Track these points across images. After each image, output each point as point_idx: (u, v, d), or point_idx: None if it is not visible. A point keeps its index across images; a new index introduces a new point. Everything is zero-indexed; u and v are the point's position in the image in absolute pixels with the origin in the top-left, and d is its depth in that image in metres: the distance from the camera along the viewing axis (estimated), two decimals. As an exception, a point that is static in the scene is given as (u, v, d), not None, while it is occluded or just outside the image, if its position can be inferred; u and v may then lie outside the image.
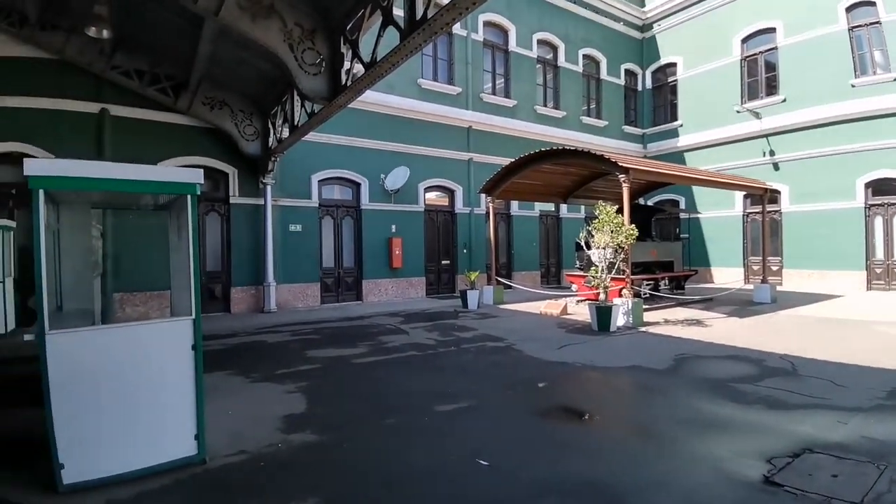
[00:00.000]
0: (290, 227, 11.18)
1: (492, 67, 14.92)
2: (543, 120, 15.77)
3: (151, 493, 2.82)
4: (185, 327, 3.14)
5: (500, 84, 15.16)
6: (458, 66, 13.88)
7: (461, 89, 13.84)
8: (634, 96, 18.71)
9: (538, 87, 15.92)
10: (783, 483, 2.78)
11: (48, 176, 2.77)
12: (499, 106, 14.75)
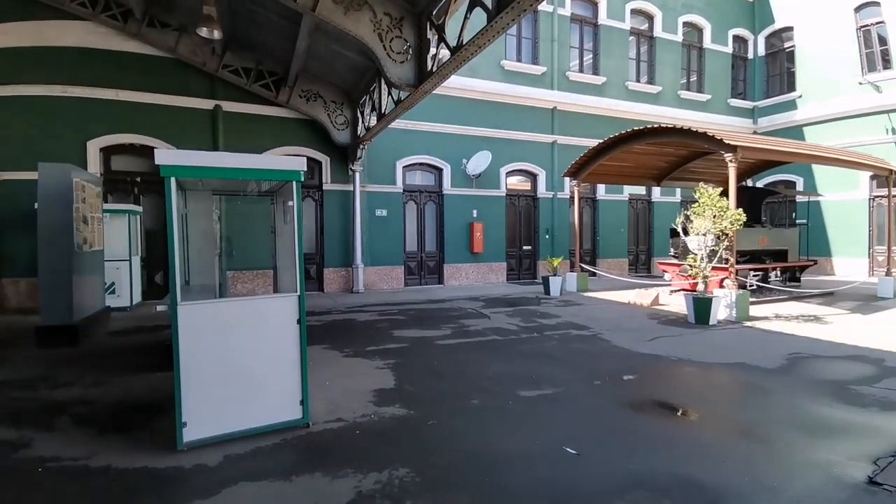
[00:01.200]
0: (376, 212, 11.66)
1: (579, 43, 14.21)
2: (636, 97, 14.77)
3: (264, 450, 3.14)
4: (292, 303, 3.42)
5: (588, 60, 14.41)
6: (543, 44, 13.40)
7: (546, 69, 13.37)
8: (744, 65, 16.85)
9: (630, 62, 14.89)
10: (884, 482, 2.63)
11: (177, 165, 3.13)
12: (586, 84, 14.06)
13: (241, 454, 3.08)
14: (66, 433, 3.43)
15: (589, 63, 14.42)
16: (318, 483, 2.73)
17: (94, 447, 3.20)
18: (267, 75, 10.14)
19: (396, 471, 2.84)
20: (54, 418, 3.69)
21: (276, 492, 2.65)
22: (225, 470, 2.89)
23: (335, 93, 10.71)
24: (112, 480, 2.78)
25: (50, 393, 4.29)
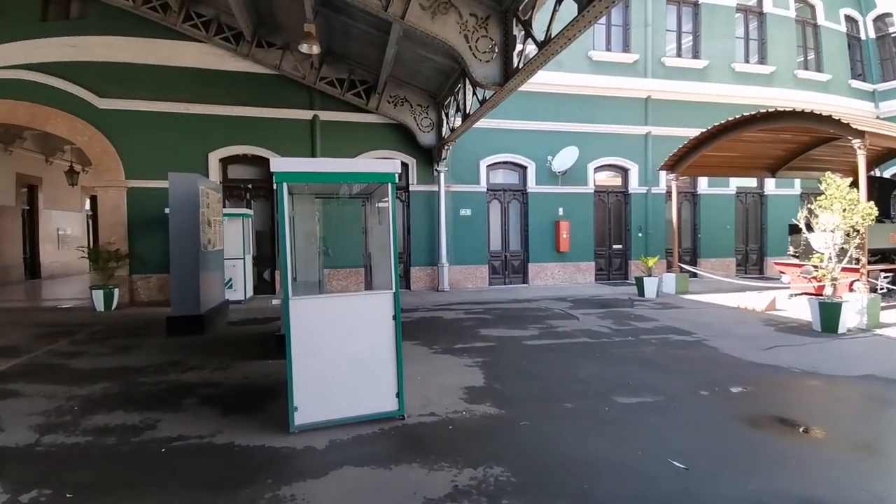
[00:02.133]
0: (460, 212, 11.78)
1: (676, 26, 13.21)
2: (744, 79, 13.43)
3: (364, 438, 3.31)
4: (388, 299, 3.57)
5: (687, 43, 13.35)
6: (636, 30, 12.66)
7: (638, 56, 12.61)
8: (859, 46, 14.86)
9: (737, 41, 13.55)
10: None
11: (289, 171, 3.41)
12: (685, 69, 13.04)
13: (345, 440, 3.27)
14: (194, 413, 3.88)
15: (688, 46, 13.35)
16: (415, 473, 2.82)
17: (219, 426, 3.58)
18: (358, 84, 10.70)
19: (491, 469, 2.84)
20: (182, 399, 4.19)
21: (378, 478, 2.78)
22: (331, 453, 3.09)
23: (420, 96, 11.01)
24: (235, 457, 3.09)
25: (178, 377, 4.88)
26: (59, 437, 3.39)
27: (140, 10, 9.63)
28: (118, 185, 9.89)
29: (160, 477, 2.84)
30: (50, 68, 9.65)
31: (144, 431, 3.49)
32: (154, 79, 10.07)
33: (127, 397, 4.23)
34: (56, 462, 3.03)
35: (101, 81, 9.82)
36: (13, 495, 2.61)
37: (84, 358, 5.59)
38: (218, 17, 9.94)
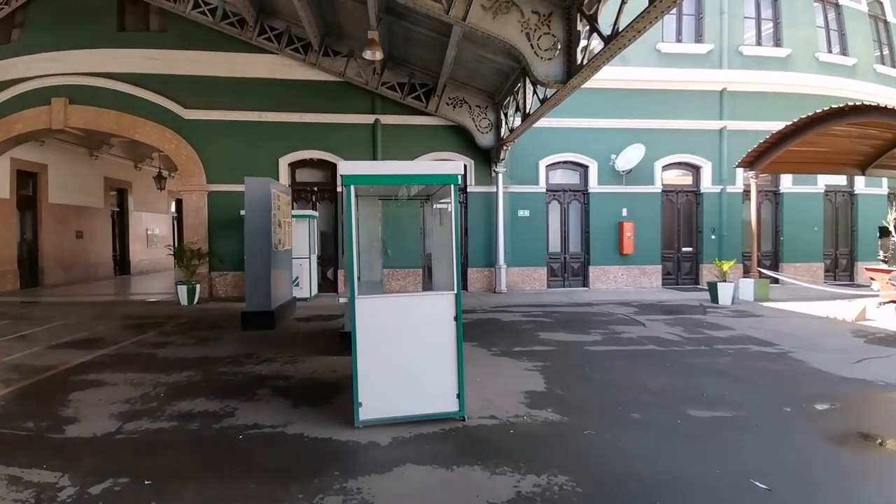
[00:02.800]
0: (518, 213, 11.64)
1: (755, 13, 12.31)
2: (828, 70, 12.28)
3: (426, 437, 3.34)
4: (450, 300, 3.58)
5: (768, 31, 12.39)
6: (710, 18, 11.93)
7: (712, 46, 11.85)
8: None
9: (819, 30, 12.46)
10: None
11: (356, 174, 3.52)
12: (765, 58, 12.11)
13: (407, 438, 3.32)
14: (266, 403, 4.10)
15: (768, 33, 12.38)
16: (477, 476, 2.81)
17: (290, 416, 3.77)
18: (418, 87, 10.88)
19: (555, 477, 2.77)
20: (256, 390, 4.44)
21: (440, 478, 2.79)
22: (394, 450, 3.15)
23: (479, 97, 11.00)
24: (304, 447, 3.24)
25: (253, 368, 5.18)
26: (144, 423, 3.66)
27: (219, 26, 10.37)
28: (200, 189, 10.71)
29: (239, 463, 3.02)
30: (131, 78, 10.58)
31: (224, 418, 3.74)
32: (232, 90, 10.80)
33: (208, 385, 4.56)
34: (137, 449, 3.22)
35: (185, 93, 10.69)
36: (82, 488, 2.68)
37: (169, 348, 6.10)
38: (289, 30, 10.49)
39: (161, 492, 2.67)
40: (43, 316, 8.44)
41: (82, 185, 14.95)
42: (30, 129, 10.59)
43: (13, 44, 10.87)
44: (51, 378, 4.82)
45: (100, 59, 10.50)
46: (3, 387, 4.49)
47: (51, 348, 6.09)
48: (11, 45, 10.85)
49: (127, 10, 10.85)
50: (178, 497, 2.61)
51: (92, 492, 2.65)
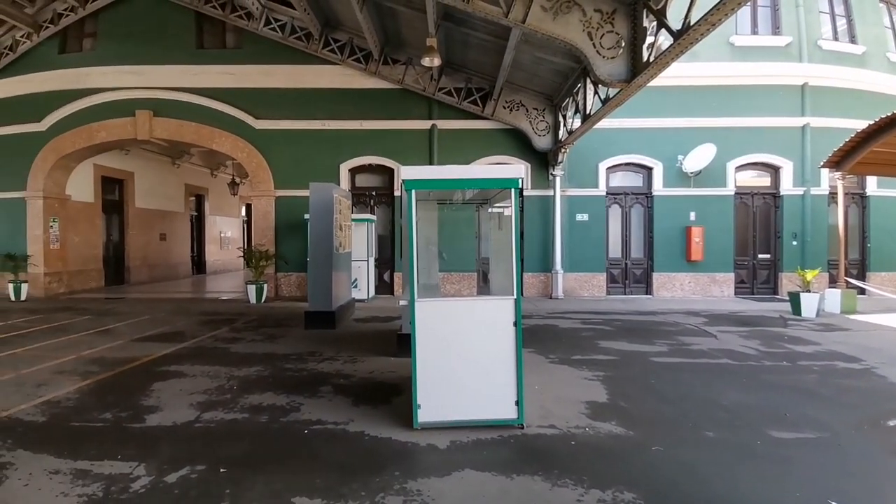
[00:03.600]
0: (576, 217, 11.33)
1: (829, 7, 11.52)
2: (895, 70, 11.17)
3: (484, 443, 3.31)
4: (509, 305, 3.54)
5: (842, 26, 11.48)
6: (786, 9, 11.11)
7: (791, 38, 10.99)
8: None
9: (886, 31, 11.57)
10: None
11: (418, 179, 3.56)
12: (843, 54, 11.19)
13: (465, 442, 3.30)
14: (328, 400, 4.23)
15: (843, 29, 11.46)
16: (538, 487, 2.73)
17: (351, 414, 3.87)
18: (475, 91, 10.90)
19: (622, 493, 2.64)
20: (319, 387, 4.60)
21: (500, 486, 2.75)
22: (453, 454, 3.14)
23: (537, 100, 10.85)
24: (365, 445, 3.31)
25: (316, 365, 5.38)
26: (219, 413, 3.91)
27: (288, 41, 10.96)
28: (268, 194, 11.34)
29: (304, 456, 3.14)
30: (209, 92, 11.37)
31: (290, 413, 3.91)
32: (298, 100, 11.36)
33: (276, 381, 4.79)
34: (213, 438, 3.44)
35: (257, 105, 11.37)
36: (158, 476, 2.83)
37: (241, 343, 6.48)
38: (351, 41, 10.89)
39: (235, 480, 2.82)
40: (128, 311, 9.26)
41: (165, 191, 16.33)
42: (114, 139, 11.60)
43: (85, 53, 11.78)
44: (134, 369, 5.25)
45: (181, 74, 11.39)
46: (80, 379, 4.92)
47: (135, 341, 6.65)
48: (84, 54, 11.77)
49: (205, 30, 11.72)
50: (251, 486, 2.75)
51: (168, 480, 2.82)
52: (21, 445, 3.29)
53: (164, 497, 2.64)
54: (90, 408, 4.04)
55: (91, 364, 5.41)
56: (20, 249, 11.21)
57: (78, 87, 11.48)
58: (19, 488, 2.75)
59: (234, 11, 10.89)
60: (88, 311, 9.20)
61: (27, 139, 11.56)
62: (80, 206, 12.56)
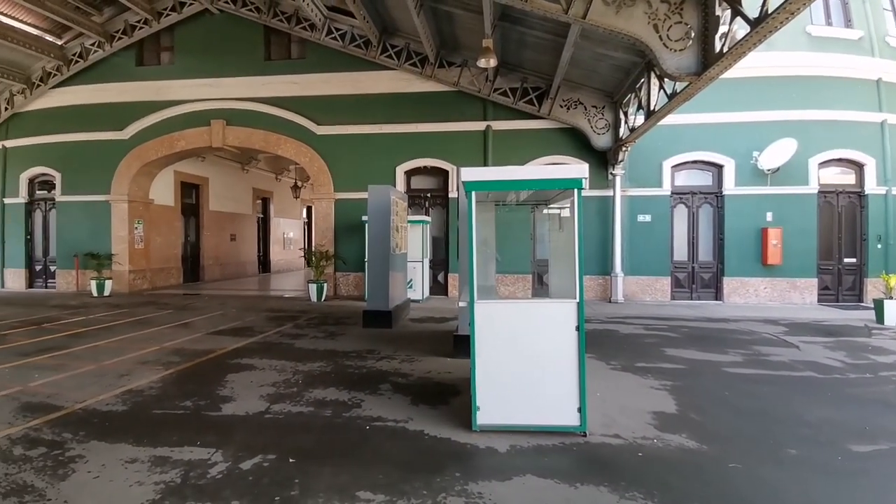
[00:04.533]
0: (638, 218, 10.87)
1: (891, 5, 10.49)
2: None
3: (545, 449, 3.23)
4: (571, 309, 3.44)
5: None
6: (855, 3, 10.25)
7: (862, 33, 10.10)
8: None
9: None
10: None
11: (478, 180, 3.55)
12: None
13: (525, 447, 3.25)
14: (388, 398, 4.31)
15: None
16: (604, 498, 2.63)
17: (410, 413, 3.92)
18: (531, 91, 10.75)
19: (697, 511, 2.49)
20: (379, 384, 4.70)
21: (563, 495, 2.67)
22: (513, 458, 3.10)
23: (595, 97, 10.52)
24: (425, 444, 3.33)
25: (374, 363, 5.50)
26: (287, 405, 4.10)
27: (348, 49, 11.33)
28: (328, 197, 11.78)
29: (367, 452, 3.22)
30: (275, 101, 11.96)
31: (352, 408, 4.02)
32: (356, 106, 11.73)
33: (337, 377, 4.95)
34: (282, 429, 3.60)
35: (318, 112, 11.85)
36: (234, 463, 3.00)
37: (304, 340, 6.76)
38: (407, 46, 11.09)
39: (303, 471, 2.94)
40: (203, 307, 9.94)
41: (235, 195, 17.41)
42: (192, 147, 12.50)
43: (163, 67, 12.68)
44: (210, 361, 5.62)
45: (251, 85, 12.09)
46: (163, 369, 5.33)
47: (210, 334, 7.12)
48: (162, 68, 12.68)
49: (272, 42, 12.37)
50: (318, 478, 2.85)
51: (242, 467, 2.99)
52: (95, 437, 3.43)
53: (239, 483, 2.79)
54: (171, 396, 4.36)
55: (172, 355, 5.85)
56: (103, 248, 12.25)
57: (158, 99, 12.45)
58: (87, 482, 2.81)
59: (299, 23, 11.41)
60: (169, 306, 9.98)
61: (109, 146, 12.60)
62: (161, 210, 13.67)
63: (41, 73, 12.69)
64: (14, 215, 13.22)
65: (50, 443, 3.32)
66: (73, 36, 12.41)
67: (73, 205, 12.77)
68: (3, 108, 13.04)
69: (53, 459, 3.07)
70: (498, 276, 10.94)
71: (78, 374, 4.99)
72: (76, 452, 3.19)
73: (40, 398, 4.24)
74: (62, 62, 12.47)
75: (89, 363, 5.44)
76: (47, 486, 2.74)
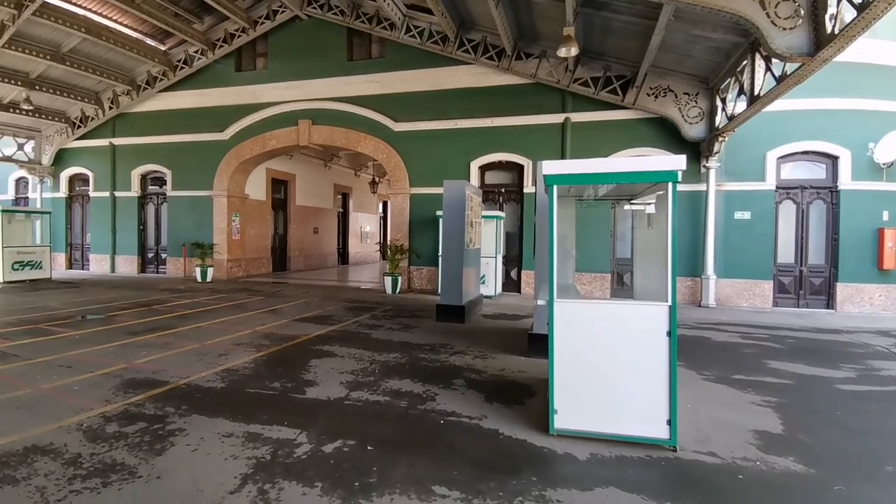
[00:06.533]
0: (734, 215, 9.92)
1: None
2: None
3: (630, 461, 3.03)
4: (662, 313, 3.18)
5: None
6: None
7: None
8: None
9: None
10: None
11: (561, 174, 3.39)
12: None
13: (608, 458, 3.07)
14: (461, 394, 4.30)
15: None
16: (699, 521, 2.41)
17: (484, 410, 3.87)
18: (614, 80, 10.18)
19: (813, 549, 2.19)
20: (452, 379, 4.70)
21: (651, 513, 2.48)
22: (594, 468, 2.93)
23: (688, 84, 9.73)
24: (500, 444, 3.27)
25: (448, 358, 5.52)
26: (364, 394, 4.23)
27: (425, 46, 11.45)
28: (404, 192, 12.05)
29: (442, 446, 3.22)
30: (357, 100, 12.39)
31: (427, 401, 4.06)
32: (432, 102, 11.84)
33: (412, 369, 5.03)
34: (360, 416, 3.73)
35: (396, 109, 12.13)
36: (317, 445, 3.17)
37: (380, 331, 6.97)
38: (484, 39, 10.97)
39: (381, 459, 3.00)
40: (290, 295, 10.61)
41: (319, 190, 18.42)
42: (282, 146, 13.37)
43: (259, 72, 13.61)
44: (295, 346, 5.97)
45: (334, 85, 12.66)
46: (255, 351, 5.73)
47: (296, 321, 7.57)
48: (258, 73, 13.61)
49: (354, 43, 12.84)
50: (394, 468, 2.90)
51: (325, 450, 3.12)
52: (197, 411, 3.74)
53: (321, 465, 2.92)
54: (262, 377, 4.68)
55: (263, 338, 6.30)
56: (206, 239, 13.55)
57: (253, 102, 13.45)
58: (186, 455, 3.01)
59: (380, 23, 11.72)
60: (261, 293, 10.79)
61: (212, 147, 13.84)
62: (255, 204, 14.80)
63: (146, 76, 14.10)
64: (125, 207, 14.93)
65: (151, 417, 3.62)
66: (177, 42, 13.64)
67: (181, 199, 14.22)
68: (107, 106, 14.61)
69: (152, 434, 3.32)
70: (575, 275, 10.55)
71: (183, 353, 5.52)
72: (177, 426, 3.48)
73: (144, 374, 4.68)
74: (168, 67, 13.80)
75: (193, 342, 6.00)
76: (140, 463, 2.91)
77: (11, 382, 4.35)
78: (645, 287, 4.12)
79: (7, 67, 12.37)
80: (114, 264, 14.97)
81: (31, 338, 6.08)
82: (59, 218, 15.36)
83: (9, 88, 12.96)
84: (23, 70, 12.69)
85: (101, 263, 15.09)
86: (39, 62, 12.21)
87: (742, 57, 7.83)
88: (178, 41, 13.57)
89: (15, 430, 3.35)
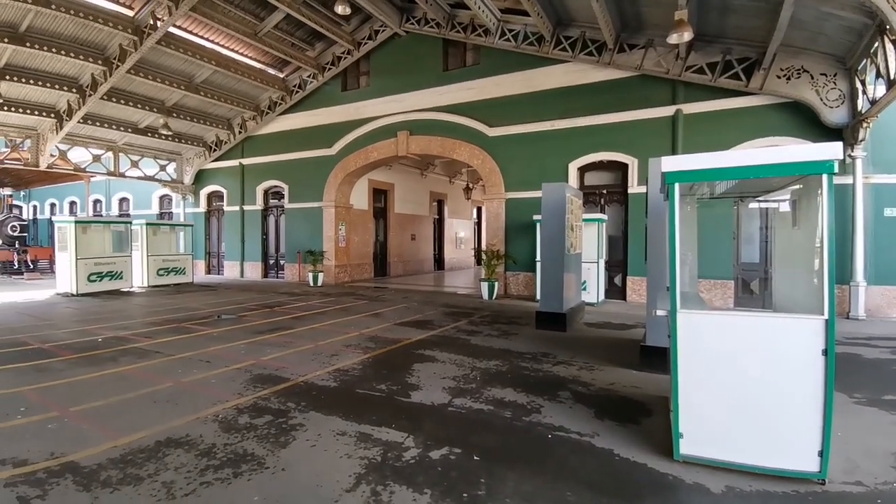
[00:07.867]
0: (884, 212, 8.38)
1: None
2: None
3: (774, 497, 2.63)
4: (817, 328, 2.72)
5: None
6: None
7: None
8: None
9: None
10: None
11: (684, 170, 3.08)
12: None
13: (747, 492, 2.69)
14: (568, 407, 4.08)
15: None
16: (877, 583, 1.99)
17: (595, 427, 3.63)
18: (735, 64, 9.13)
19: None
20: (558, 391, 4.49)
21: (811, 565, 2.11)
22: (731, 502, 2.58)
23: (824, 63, 8.41)
24: (616, 467, 3.02)
25: (551, 368, 5.30)
26: (467, 401, 4.20)
27: (520, 48, 11.29)
28: (499, 197, 11.98)
29: (551, 463, 3.07)
30: (452, 108, 12.60)
31: (532, 413, 3.92)
32: (527, 104, 11.64)
33: (514, 378, 4.91)
34: (464, 424, 3.69)
35: (490, 114, 12.13)
36: (424, 450, 3.19)
37: (479, 337, 6.94)
38: (583, 35, 10.52)
39: (488, 471, 2.94)
40: (391, 299, 11.06)
41: (415, 198, 19.07)
42: (382, 157, 14.05)
43: (362, 89, 14.43)
44: (398, 349, 6.16)
45: (430, 96, 13.02)
46: (362, 353, 5.99)
47: (397, 325, 7.84)
48: (361, 91, 14.44)
49: (449, 53, 13.11)
50: (503, 481, 2.82)
51: (432, 456, 3.13)
52: (314, 408, 3.99)
53: (429, 471, 2.93)
54: (370, 378, 4.88)
55: (369, 341, 6.61)
56: (317, 247, 14.66)
57: (356, 118, 14.34)
58: (306, 449, 3.20)
59: (474, 31, 11.82)
60: (364, 297, 11.41)
61: (322, 161, 14.99)
62: (358, 213, 15.75)
63: (268, 101, 15.70)
64: (251, 219, 16.73)
65: (276, 411, 3.94)
66: (293, 70, 15.02)
67: (296, 210, 15.61)
68: (237, 131, 16.49)
69: (277, 427, 3.60)
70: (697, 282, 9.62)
71: (300, 352, 5.98)
72: (297, 421, 3.73)
73: (269, 371, 5.13)
74: (285, 92, 15.26)
75: (308, 342, 6.48)
76: (267, 454, 3.13)
77: (151, 378, 4.86)
78: (789, 296, 3.58)
79: (141, 94, 13.82)
80: (242, 270, 16.87)
81: (173, 336, 6.99)
82: (199, 230, 17.70)
83: (143, 114, 14.53)
84: (157, 98, 14.29)
85: (233, 269, 17.08)
86: (174, 91, 13.86)
87: (873, 38, 6.62)
88: (294, 68, 14.93)
89: (147, 425, 3.59)
